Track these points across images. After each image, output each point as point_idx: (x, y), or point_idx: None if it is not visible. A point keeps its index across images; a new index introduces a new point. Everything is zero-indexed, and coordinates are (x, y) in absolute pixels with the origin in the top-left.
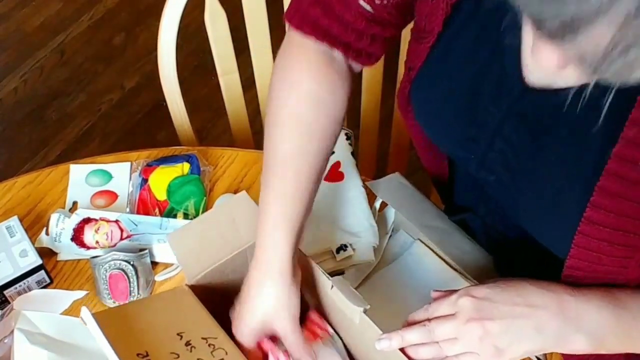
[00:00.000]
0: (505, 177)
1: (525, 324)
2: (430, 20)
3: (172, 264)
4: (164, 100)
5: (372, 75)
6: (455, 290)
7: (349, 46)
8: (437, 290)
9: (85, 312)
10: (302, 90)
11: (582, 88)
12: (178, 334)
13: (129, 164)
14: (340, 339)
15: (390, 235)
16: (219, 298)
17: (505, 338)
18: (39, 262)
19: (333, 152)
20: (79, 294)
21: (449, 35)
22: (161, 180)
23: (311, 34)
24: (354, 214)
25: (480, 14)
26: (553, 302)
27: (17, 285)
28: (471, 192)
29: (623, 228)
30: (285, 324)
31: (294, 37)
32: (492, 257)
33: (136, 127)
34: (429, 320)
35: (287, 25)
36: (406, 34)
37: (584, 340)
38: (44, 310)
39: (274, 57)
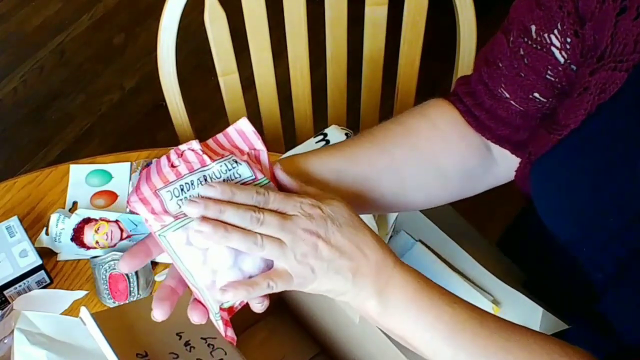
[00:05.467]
0: (613, 279)
1: (347, 265)
2: (568, 115)
3: (172, 264)
4: (164, 100)
5: (372, 75)
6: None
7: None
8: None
9: (84, 312)
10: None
11: None
12: (177, 334)
13: (129, 164)
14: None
15: (391, 236)
16: None
17: (325, 266)
18: (39, 262)
19: None
20: (79, 294)
21: (584, 134)
22: None
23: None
24: None
25: (624, 117)
26: (377, 257)
27: (17, 285)
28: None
29: None
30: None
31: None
32: (524, 275)
33: (136, 127)
34: (262, 209)
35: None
36: (406, 30)
37: (375, 307)
38: (44, 310)
39: (274, 57)
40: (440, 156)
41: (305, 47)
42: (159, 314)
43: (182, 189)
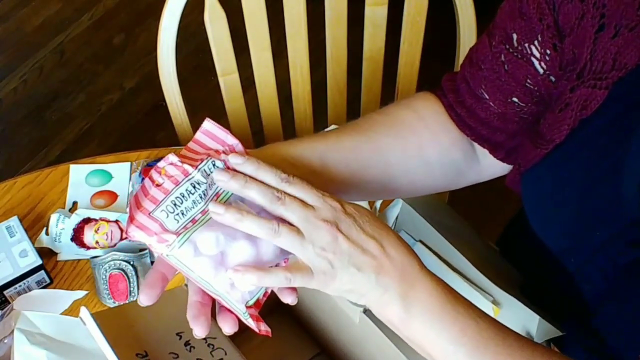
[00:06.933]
0: (601, 292)
1: (370, 262)
2: (552, 130)
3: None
4: (164, 100)
5: (372, 75)
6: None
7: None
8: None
9: (84, 312)
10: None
11: None
12: (177, 334)
13: (129, 164)
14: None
15: None
16: None
17: (345, 261)
18: (39, 262)
19: None
20: (79, 294)
21: (569, 148)
22: None
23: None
24: None
25: (606, 133)
26: (402, 259)
27: (17, 285)
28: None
29: None
30: None
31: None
32: (522, 278)
33: (136, 127)
34: (284, 192)
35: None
36: (406, 30)
37: (398, 311)
38: (44, 310)
39: (274, 57)
40: (425, 146)
41: (305, 47)
42: (199, 331)
43: (175, 204)
